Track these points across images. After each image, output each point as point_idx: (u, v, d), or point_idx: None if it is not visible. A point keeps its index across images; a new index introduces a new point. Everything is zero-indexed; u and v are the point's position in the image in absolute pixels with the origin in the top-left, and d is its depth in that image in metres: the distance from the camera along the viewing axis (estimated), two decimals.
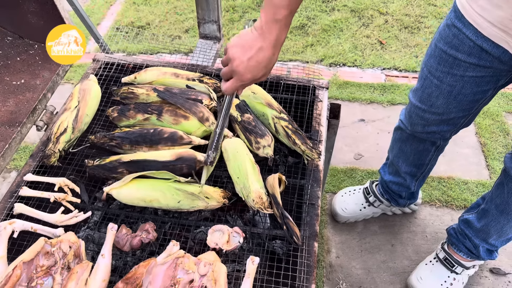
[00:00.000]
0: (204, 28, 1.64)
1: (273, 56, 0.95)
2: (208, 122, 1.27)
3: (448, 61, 1.21)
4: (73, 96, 1.34)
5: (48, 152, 1.22)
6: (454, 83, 1.24)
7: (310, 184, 1.21)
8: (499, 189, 1.43)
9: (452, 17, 1.16)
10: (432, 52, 1.25)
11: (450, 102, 1.29)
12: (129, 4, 3.16)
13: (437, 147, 1.55)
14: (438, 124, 1.39)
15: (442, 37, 1.20)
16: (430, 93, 1.31)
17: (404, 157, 1.62)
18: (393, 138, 1.66)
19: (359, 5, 3.03)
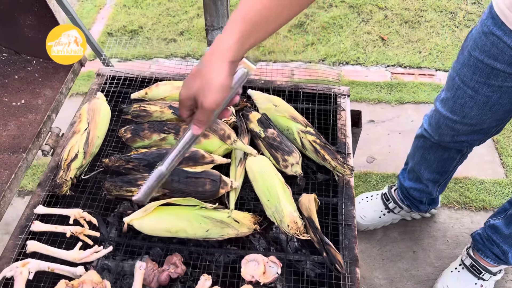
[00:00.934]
0: (212, 35, 1.55)
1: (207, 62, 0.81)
2: (230, 140, 1.18)
3: (485, 71, 1.14)
4: (81, 117, 1.24)
5: (59, 181, 1.12)
6: (490, 94, 1.17)
7: (343, 203, 1.14)
8: None
9: (489, 24, 1.09)
10: (466, 61, 1.18)
11: (485, 113, 1.22)
12: (119, 8, 3.04)
13: (463, 155, 1.49)
14: (468, 134, 1.33)
15: (478, 45, 1.13)
16: (463, 104, 1.24)
17: (427, 165, 1.56)
18: (414, 145, 1.59)
19: (357, 0, 2.96)
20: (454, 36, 2.71)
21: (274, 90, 1.39)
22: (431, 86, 2.39)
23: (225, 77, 0.78)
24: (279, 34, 2.76)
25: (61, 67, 1.44)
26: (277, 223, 1.07)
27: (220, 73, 0.78)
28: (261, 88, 1.39)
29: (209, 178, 1.11)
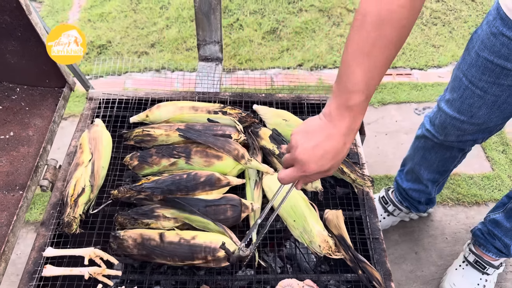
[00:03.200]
0: (204, 50, 1.50)
1: (344, 146, 0.79)
2: (244, 159, 1.14)
3: (495, 71, 1.15)
4: (82, 147, 1.15)
5: (68, 219, 1.04)
6: (500, 93, 1.19)
7: (367, 215, 1.12)
8: None
9: (498, 25, 1.10)
10: (474, 61, 1.19)
11: (493, 112, 1.24)
12: (83, 22, 2.91)
13: (464, 153, 1.52)
14: (474, 133, 1.35)
15: (486, 46, 1.14)
16: (472, 104, 1.25)
17: (427, 165, 1.57)
18: (414, 146, 1.60)
19: (326, 3, 2.98)
20: (424, 34, 2.78)
21: (278, 103, 1.35)
22: (410, 85, 2.43)
23: None
24: (254, 42, 2.73)
25: (48, 93, 1.34)
26: (307, 243, 1.03)
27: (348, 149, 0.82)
28: (263, 102, 1.35)
29: (229, 204, 1.06)
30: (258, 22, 2.86)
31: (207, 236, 1.00)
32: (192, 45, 2.73)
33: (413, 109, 2.32)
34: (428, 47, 2.70)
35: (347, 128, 0.78)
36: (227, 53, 2.67)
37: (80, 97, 2.39)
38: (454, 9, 2.96)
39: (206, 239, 0.99)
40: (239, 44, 2.72)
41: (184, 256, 0.98)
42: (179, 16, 2.93)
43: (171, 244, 0.99)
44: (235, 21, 2.88)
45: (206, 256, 0.97)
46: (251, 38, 2.76)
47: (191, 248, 0.98)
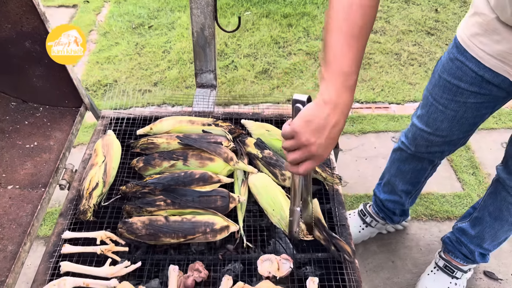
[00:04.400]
0: (201, 78, 1.75)
1: (344, 123, 0.91)
2: (232, 161, 1.35)
3: (452, 89, 1.38)
4: (97, 152, 1.37)
5: (83, 208, 1.24)
6: (457, 109, 1.41)
7: (336, 207, 1.32)
8: (491, 198, 1.60)
9: (454, 52, 1.34)
10: (437, 82, 1.43)
11: (454, 126, 1.46)
12: (92, 64, 3.20)
13: (434, 166, 1.72)
14: (440, 145, 1.56)
15: (445, 69, 1.38)
16: (436, 118, 1.47)
17: (402, 176, 1.78)
18: (391, 159, 1.81)
19: (313, 48, 3.29)
20: (401, 73, 3.07)
21: (263, 120, 1.59)
22: (387, 116, 2.68)
23: None
24: (247, 81, 3.01)
25: (67, 112, 1.58)
26: (283, 228, 1.23)
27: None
28: (250, 119, 1.58)
29: (219, 195, 1.27)
30: (251, 64, 3.16)
31: (204, 216, 1.20)
32: (191, 83, 3.01)
33: (390, 137, 2.55)
34: (405, 85, 2.98)
35: (347, 108, 0.89)
36: (223, 90, 2.93)
37: (88, 128, 2.63)
38: (429, 51, 3.27)
39: (204, 217, 1.20)
40: (234, 82, 3.00)
41: (187, 232, 1.17)
42: (180, 59, 3.22)
43: (175, 222, 1.19)
44: (230, 63, 3.18)
45: (205, 229, 1.17)
46: (245, 77, 3.04)
47: (193, 224, 1.18)
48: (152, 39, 3.44)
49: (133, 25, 3.59)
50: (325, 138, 0.88)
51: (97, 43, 3.38)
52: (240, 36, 3.40)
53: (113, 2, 3.86)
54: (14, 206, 1.28)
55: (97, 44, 3.38)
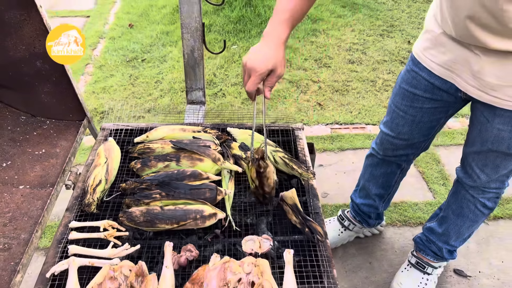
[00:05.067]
0: (191, 95, 1.96)
1: (277, 49, 1.20)
2: (219, 161, 1.54)
3: (409, 97, 1.60)
4: (100, 155, 1.55)
5: (88, 201, 1.41)
6: (415, 114, 1.62)
7: (311, 199, 1.50)
8: (453, 197, 1.79)
9: (410, 65, 1.57)
10: (397, 91, 1.65)
11: (413, 129, 1.67)
12: (88, 94, 3.41)
13: (402, 170, 1.92)
14: (404, 148, 1.77)
15: (403, 79, 1.61)
16: (398, 123, 1.69)
17: (374, 180, 1.97)
18: (364, 164, 2.01)
19: (295, 77, 3.55)
20: (377, 98, 3.32)
21: (246, 128, 1.78)
22: (364, 135, 2.90)
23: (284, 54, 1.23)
24: (234, 106, 3.23)
25: (71, 124, 1.77)
26: None
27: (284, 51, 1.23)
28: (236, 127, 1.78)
29: (208, 188, 1.45)
30: (238, 91, 3.39)
31: (194, 205, 1.38)
32: (183, 109, 3.22)
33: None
34: (380, 108, 3.22)
35: (278, 38, 1.19)
36: (211, 114, 3.15)
37: (85, 150, 2.80)
38: None
39: (195, 206, 1.37)
40: (222, 107, 3.22)
41: (179, 218, 1.34)
42: (171, 88, 3.45)
43: (169, 210, 1.36)
44: (218, 91, 3.41)
45: (196, 216, 1.34)
46: (232, 103, 3.27)
47: (185, 211, 1.35)
48: (145, 71, 3.68)
49: (127, 58, 3.84)
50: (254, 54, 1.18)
51: (93, 75, 3.61)
52: (228, 67, 3.65)
53: (108, 38, 4.12)
54: (26, 202, 1.44)
55: (93, 76, 3.60)
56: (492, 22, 1.18)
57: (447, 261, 2.03)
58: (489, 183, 1.60)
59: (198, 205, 1.39)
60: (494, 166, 1.53)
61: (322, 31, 4.15)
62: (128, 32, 4.23)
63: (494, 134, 1.42)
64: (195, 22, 1.71)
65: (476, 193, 1.66)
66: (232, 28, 4.02)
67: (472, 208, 1.70)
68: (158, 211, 1.37)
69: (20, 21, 1.51)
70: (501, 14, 1.14)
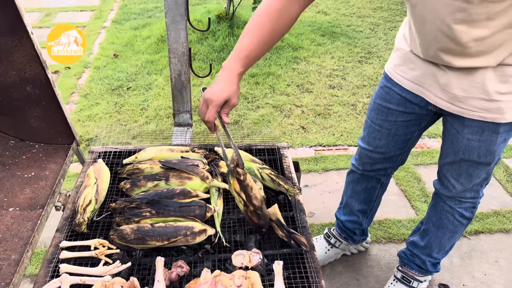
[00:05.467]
0: (178, 118, 2.01)
1: (232, 82, 1.29)
2: (208, 179, 1.58)
3: (384, 111, 1.68)
4: (89, 175, 1.58)
5: (78, 221, 1.42)
6: (390, 127, 1.70)
7: (298, 214, 1.54)
8: (433, 210, 1.86)
9: (383, 81, 1.66)
10: (372, 107, 1.73)
11: (389, 142, 1.74)
12: (74, 122, 3.43)
13: (381, 184, 1.98)
14: (382, 162, 1.84)
15: (378, 95, 1.69)
16: (374, 137, 1.76)
17: (357, 196, 2.02)
18: (346, 181, 2.07)
19: (278, 102, 3.63)
20: (358, 121, 3.41)
21: None
22: (347, 156, 2.98)
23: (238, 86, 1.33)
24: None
25: (60, 148, 1.79)
26: None
27: (238, 84, 1.32)
28: None
29: (197, 205, 1.48)
30: None
31: (184, 222, 1.40)
32: (168, 134, 3.26)
33: None
34: (361, 130, 3.29)
35: (233, 71, 1.29)
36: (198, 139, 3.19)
37: (71, 177, 2.81)
38: None
39: (185, 223, 1.40)
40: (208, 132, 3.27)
41: (170, 235, 1.36)
42: (157, 114, 3.50)
43: (160, 227, 1.38)
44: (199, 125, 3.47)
45: (186, 232, 1.36)
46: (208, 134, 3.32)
47: (175, 228, 1.37)
48: (130, 98, 3.73)
49: (112, 87, 3.89)
50: (212, 86, 1.28)
51: (78, 104, 3.64)
52: None
53: (93, 68, 4.17)
54: (16, 223, 1.45)
55: (78, 104, 3.63)
56: (452, 45, 1.30)
57: (431, 274, 2.08)
58: (465, 193, 1.67)
59: (188, 222, 1.42)
60: (467, 175, 1.60)
61: (303, 58, 4.28)
62: (113, 62, 4.29)
63: (465, 144, 1.51)
64: (182, 47, 1.78)
65: (454, 204, 1.73)
66: (216, 56, 4.12)
67: (451, 218, 1.76)
68: (148, 228, 1.39)
69: (12, 47, 1.55)
70: (456, 36, 1.26)
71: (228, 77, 1.30)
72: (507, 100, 1.37)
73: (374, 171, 1.89)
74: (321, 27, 4.92)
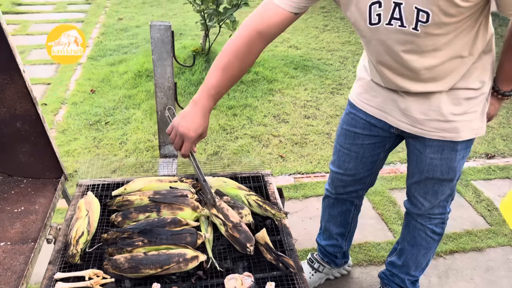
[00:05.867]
0: (164, 150, 2.06)
1: (205, 118, 1.42)
2: (199, 209, 1.63)
3: (351, 135, 1.80)
4: (80, 208, 1.61)
5: (72, 252, 1.45)
6: (357, 150, 1.82)
7: (285, 237, 1.61)
8: (406, 229, 1.97)
9: (349, 108, 1.79)
10: (340, 132, 1.85)
11: (358, 164, 1.85)
12: None
13: (355, 206, 2.08)
14: (353, 184, 1.94)
15: (344, 121, 1.81)
16: (344, 160, 1.87)
17: (334, 220, 2.11)
18: (322, 207, 2.16)
19: (256, 132, 3.74)
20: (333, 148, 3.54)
21: (219, 176, 1.90)
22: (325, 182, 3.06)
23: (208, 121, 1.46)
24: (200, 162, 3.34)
25: (48, 182, 1.81)
26: None
27: (208, 120, 1.45)
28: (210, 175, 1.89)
29: (188, 233, 1.53)
30: (203, 148, 3.52)
31: (176, 249, 1.45)
32: (148, 167, 3.30)
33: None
34: None
35: (204, 107, 1.40)
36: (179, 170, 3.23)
37: (58, 213, 2.79)
38: None
39: (177, 250, 1.44)
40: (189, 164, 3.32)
41: (163, 262, 1.40)
42: (137, 148, 3.53)
43: (153, 255, 1.42)
44: None
45: (179, 259, 1.41)
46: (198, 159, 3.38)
47: (168, 256, 1.41)
48: (109, 133, 3.76)
49: (90, 122, 3.91)
50: (187, 122, 1.38)
51: (56, 139, 3.64)
52: None
53: (70, 104, 4.19)
54: (8, 258, 1.46)
55: (56, 140, 3.63)
56: (407, 72, 1.44)
57: None
58: (433, 209, 1.79)
59: (180, 249, 1.46)
60: (433, 192, 1.72)
61: (278, 90, 4.43)
62: (90, 97, 4.33)
63: (428, 163, 1.64)
64: (168, 82, 1.86)
65: (424, 221, 1.84)
66: (194, 90, 4.22)
67: (423, 235, 1.87)
68: (142, 257, 1.43)
69: (3, 85, 1.59)
70: (409, 65, 1.41)
71: (202, 113, 1.42)
72: (462, 120, 1.51)
73: (347, 194, 1.99)
74: (293, 60, 5.11)
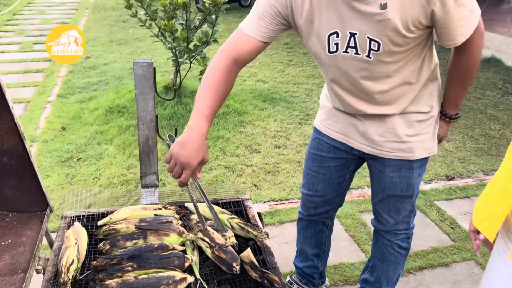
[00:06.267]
0: (145, 180, 2.14)
1: (202, 142, 1.39)
2: (184, 234, 1.71)
3: (318, 159, 1.94)
4: (69, 237, 1.66)
5: (63, 280, 1.49)
6: (325, 172, 1.95)
7: (267, 257, 1.71)
8: (375, 246, 2.10)
9: (314, 134, 1.93)
10: (308, 157, 1.99)
11: (326, 186, 1.98)
12: None
13: (327, 227, 2.19)
14: (323, 205, 2.06)
15: (311, 146, 1.96)
16: (313, 182, 2.00)
17: (308, 242, 2.22)
18: (297, 229, 2.26)
19: (230, 163, 3.85)
20: None
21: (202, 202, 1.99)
22: None
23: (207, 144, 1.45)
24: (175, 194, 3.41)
25: (34, 215, 1.85)
26: None
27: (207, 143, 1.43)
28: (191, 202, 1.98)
29: (176, 256, 1.60)
30: None
31: (165, 272, 1.52)
32: (124, 201, 3.32)
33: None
34: None
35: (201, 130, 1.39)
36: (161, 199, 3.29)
37: None
38: None
39: (166, 273, 1.51)
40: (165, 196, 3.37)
41: (154, 285, 1.46)
42: (111, 182, 3.56)
43: (143, 279, 1.48)
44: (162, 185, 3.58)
45: (168, 281, 1.47)
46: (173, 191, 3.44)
47: (158, 278, 1.48)
48: (81, 169, 3.77)
49: (62, 159, 3.92)
50: (187, 150, 1.35)
51: None
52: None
53: (40, 142, 4.19)
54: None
55: None
56: (363, 95, 1.61)
57: None
58: (397, 225, 1.93)
59: (169, 272, 1.53)
60: (396, 209, 1.87)
61: (248, 122, 4.58)
62: (61, 135, 4.34)
63: (388, 181, 1.79)
64: (149, 114, 1.96)
65: (391, 237, 1.98)
66: (166, 124, 4.31)
67: (391, 251, 2.00)
68: (132, 281, 1.48)
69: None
70: (364, 88, 1.57)
71: (200, 137, 1.42)
72: (415, 141, 1.69)
73: (318, 215, 2.11)
74: (261, 93, 5.31)
